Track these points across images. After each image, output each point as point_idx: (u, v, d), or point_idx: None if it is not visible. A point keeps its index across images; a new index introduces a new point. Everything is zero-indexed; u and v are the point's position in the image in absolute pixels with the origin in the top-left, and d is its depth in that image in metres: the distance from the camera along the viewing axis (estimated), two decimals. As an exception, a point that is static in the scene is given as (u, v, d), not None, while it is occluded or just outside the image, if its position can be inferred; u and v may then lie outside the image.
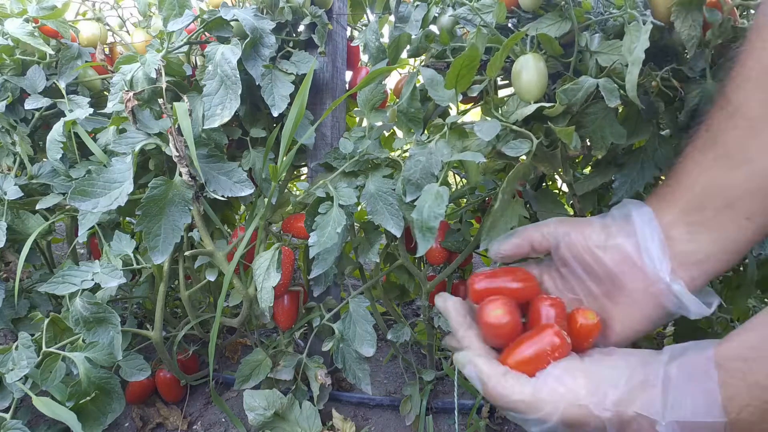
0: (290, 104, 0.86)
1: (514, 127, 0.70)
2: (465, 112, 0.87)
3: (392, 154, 0.92)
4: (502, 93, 0.92)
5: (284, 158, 0.83)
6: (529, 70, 0.70)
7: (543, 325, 0.56)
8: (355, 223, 1.05)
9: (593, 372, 0.51)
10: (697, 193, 0.54)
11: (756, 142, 0.50)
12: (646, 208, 0.57)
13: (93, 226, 0.95)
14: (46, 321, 0.88)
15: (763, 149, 0.50)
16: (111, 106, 0.92)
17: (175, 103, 0.84)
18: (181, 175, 0.85)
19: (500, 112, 0.73)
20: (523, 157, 0.71)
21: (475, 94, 0.76)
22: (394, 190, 0.85)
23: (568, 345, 0.54)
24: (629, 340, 0.57)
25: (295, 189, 1.55)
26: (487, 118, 0.74)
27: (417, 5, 0.89)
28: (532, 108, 0.68)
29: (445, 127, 0.76)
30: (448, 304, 0.63)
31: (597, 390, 0.48)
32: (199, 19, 0.88)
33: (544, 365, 0.52)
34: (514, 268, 0.66)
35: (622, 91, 0.66)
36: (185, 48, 0.93)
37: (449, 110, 0.88)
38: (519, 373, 0.52)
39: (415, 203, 0.72)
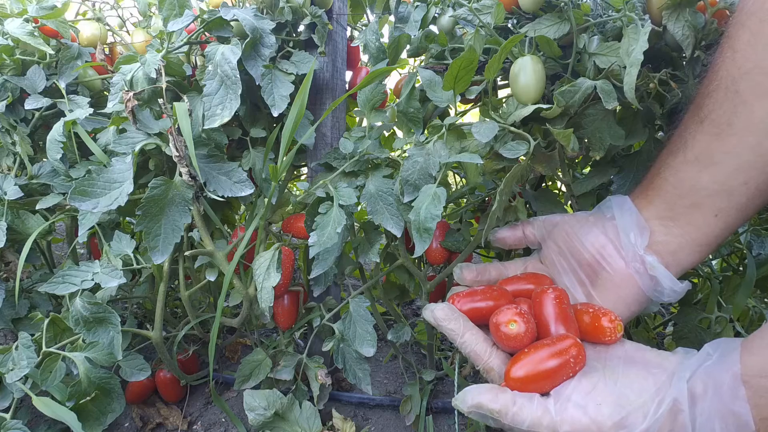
0: (290, 104, 0.86)
1: (512, 128, 0.70)
2: (464, 112, 0.87)
3: (392, 154, 0.92)
4: (502, 93, 0.92)
5: (284, 158, 0.83)
6: (527, 72, 0.70)
7: (560, 336, 0.53)
8: (355, 223, 1.05)
9: (618, 396, 0.47)
10: (669, 192, 0.58)
11: (722, 147, 0.53)
12: (625, 199, 0.62)
13: (93, 226, 0.95)
14: (46, 321, 0.88)
15: (727, 153, 0.53)
16: (111, 106, 0.92)
17: (175, 103, 0.84)
18: (181, 175, 0.85)
19: (500, 112, 0.73)
20: (523, 158, 0.71)
21: (473, 97, 0.76)
22: (394, 189, 0.85)
23: (584, 356, 0.51)
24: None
25: (295, 189, 1.55)
26: (485, 119, 0.74)
27: (417, 5, 0.89)
28: (529, 109, 0.68)
29: (443, 128, 0.77)
30: (437, 313, 0.61)
31: (624, 421, 0.45)
32: (199, 19, 0.88)
33: (562, 380, 0.49)
34: (490, 287, 0.67)
35: (619, 93, 0.66)
36: (185, 48, 0.93)
37: (449, 110, 0.88)
38: (528, 394, 0.49)
39: (412, 204, 0.72)
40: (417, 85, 0.85)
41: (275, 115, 0.89)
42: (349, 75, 1.12)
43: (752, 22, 0.51)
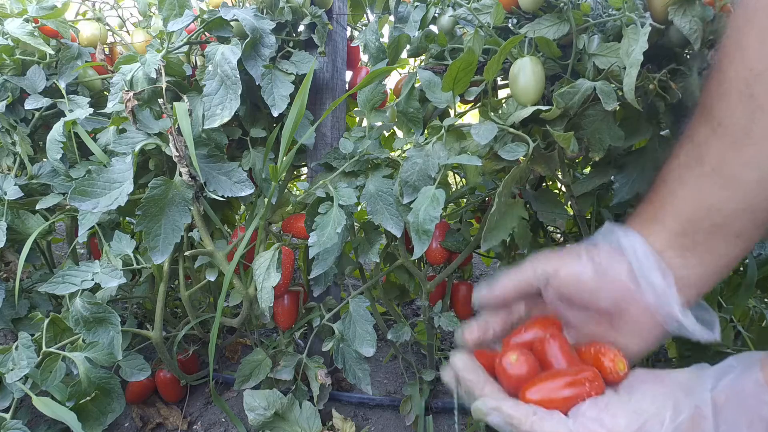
0: (290, 104, 0.86)
1: (511, 130, 0.70)
2: (464, 113, 0.87)
3: (392, 154, 0.92)
4: (502, 93, 0.92)
5: (284, 158, 0.83)
6: (526, 73, 0.70)
7: (577, 365, 0.51)
8: (355, 223, 1.05)
9: (633, 407, 0.46)
10: (687, 215, 0.50)
11: (741, 159, 0.47)
12: (635, 235, 0.53)
13: (93, 226, 0.95)
14: (46, 321, 0.88)
15: (749, 166, 0.47)
16: (111, 106, 0.92)
17: (175, 103, 0.84)
18: (181, 175, 0.85)
19: (499, 112, 0.73)
20: (522, 158, 0.71)
21: (472, 98, 0.76)
22: (393, 190, 0.85)
23: (602, 384, 0.49)
24: (630, 360, 0.53)
25: (295, 189, 1.55)
26: (485, 120, 0.74)
27: (416, 5, 0.89)
28: (528, 111, 0.68)
29: (443, 130, 0.77)
30: (457, 362, 0.54)
31: (641, 429, 0.44)
32: (199, 19, 0.88)
33: (577, 402, 0.48)
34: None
35: (620, 92, 0.66)
36: (185, 48, 0.93)
37: (449, 110, 0.88)
38: (549, 410, 0.47)
39: (411, 205, 0.72)
40: (417, 85, 0.85)
41: (275, 115, 0.89)
42: (349, 75, 1.12)
43: (760, 18, 0.47)
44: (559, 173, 0.88)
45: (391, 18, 0.96)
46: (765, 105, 0.45)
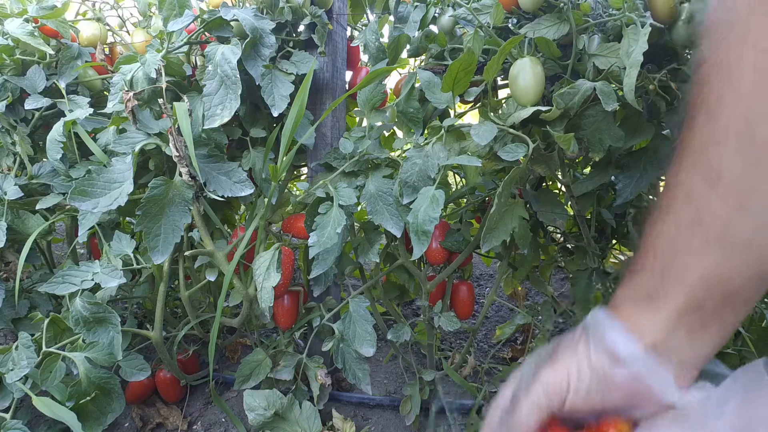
0: (290, 104, 0.86)
1: (511, 130, 0.70)
2: (464, 113, 0.87)
3: (392, 154, 0.92)
4: (502, 93, 0.92)
5: (284, 158, 0.83)
6: (526, 74, 0.70)
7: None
8: (355, 223, 1.05)
9: None
10: (694, 289, 0.43)
11: (752, 224, 0.40)
12: (627, 335, 0.45)
13: (93, 226, 0.95)
14: (46, 321, 0.88)
15: (761, 231, 0.40)
16: (111, 106, 0.92)
17: (175, 103, 0.84)
18: (181, 175, 0.85)
19: (499, 113, 0.73)
20: (522, 158, 0.71)
21: (471, 98, 0.76)
22: (393, 190, 0.85)
23: None
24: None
25: (295, 189, 1.55)
26: (484, 121, 0.74)
27: (416, 6, 0.89)
28: (528, 112, 0.68)
29: (442, 130, 0.77)
30: None
31: None
32: (199, 19, 0.88)
33: None
34: None
35: (620, 93, 0.66)
36: (185, 48, 0.93)
37: (449, 110, 0.88)
38: None
39: (411, 206, 0.72)
40: (416, 85, 0.85)
41: (275, 115, 0.89)
42: (349, 75, 1.12)
43: (755, 37, 0.39)
44: (559, 173, 0.88)
45: (391, 18, 0.96)
46: None
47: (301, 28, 0.99)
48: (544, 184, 1.01)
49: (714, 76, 0.41)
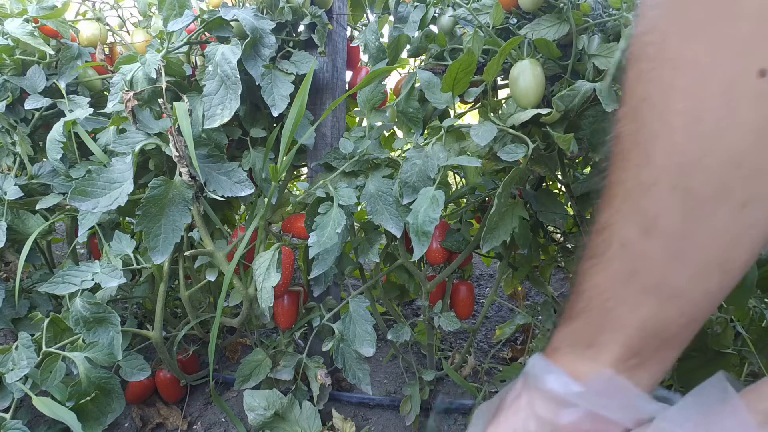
0: (290, 104, 0.86)
1: (511, 131, 0.70)
2: (464, 113, 0.87)
3: (392, 154, 0.92)
4: (502, 93, 0.92)
5: (284, 158, 0.83)
6: (526, 76, 0.70)
7: None
8: (355, 223, 1.05)
9: None
10: (630, 339, 0.43)
11: (687, 272, 0.39)
12: (570, 382, 0.44)
13: (93, 226, 0.95)
14: (46, 321, 0.88)
15: (696, 278, 0.39)
16: (111, 106, 0.92)
17: (175, 103, 0.84)
18: (181, 175, 0.85)
19: (499, 113, 0.73)
20: (522, 158, 0.71)
21: (471, 99, 0.76)
22: (393, 190, 0.85)
23: None
24: None
25: (295, 189, 1.55)
26: (484, 121, 0.74)
27: (416, 6, 0.89)
28: (529, 115, 0.68)
29: (442, 130, 0.77)
30: None
31: None
32: (199, 19, 0.88)
33: None
34: None
35: (620, 93, 0.66)
36: (185, 48, 0.93)
37: (449, 110, 0.88)
38: None
39: (411, 206, 0.72)
40: (416, 85, 0.85)
41: (275, 115, 0.89)
42: (349, 75, 1.12)
43: (686, 81, 0.35)
44: (559, 173, 0.88)
45: (391, 18, 0.96)
46: (707, 201, 0.36)
47: (301, 28, 0.99)
48: (544, 184, 1.01)
49: (645, 111, 0.38)
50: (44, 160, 1.08)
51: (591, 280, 0.44)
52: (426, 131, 0.89)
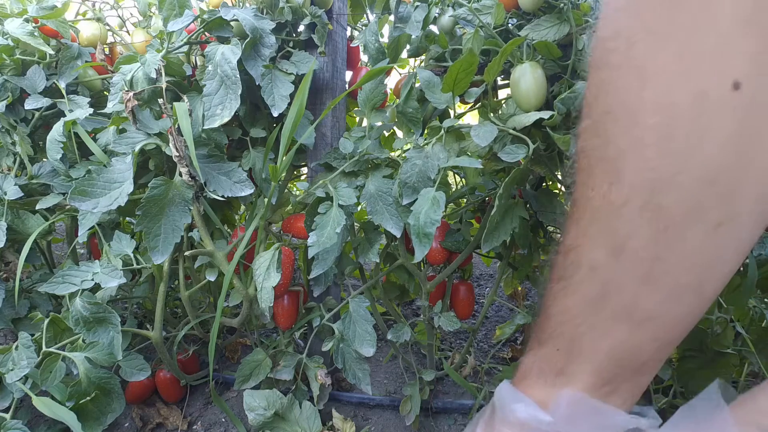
0: (290, 104, 0.86)
1: (512, 131, 0.70)
2: (463, 114, 0.87)
3: (392, 154, 0.92)
4: (502, 93, 0.92)
5: (284, 158, 0.83)
6: (527, 79, 0.69)
7: None
8: (355, 223, 1.05)
9: None
10: (601, 366, 0.40)
11: (657, 296, 0.36)
12: (536, 409, 0.42)
13: (93, 226, 0.95)
14: (46, 321, 0.88)
15: (667, 302, 0.37)
16: (111, 106, 0.92)
17: (175, 103, 0.84)
18: (181, 175, 0.85)
19: (499, 113, 0.73)
20: (522, 159, 0.71)
21: (472, 99, 0.76)
22: (393, 190, 0.85)
23: None
24: None
25: (295, 189, 1.55)
26: (485, 121, 0.74)
27: (417, 6, 0.89)
28: (531, 119, 0.68)
29: (442, 130, 0.76)
30: None
31: None
32: (199, 19, 0.88)
33: None
34: None
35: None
36: (185, 48, 0.93)
37: (449, 110, 0.88)
38: None
39: (411, 207, 0.72)
40: (416, 85, 0.85)
41: (275, 115, 0.89)
42: (349, 75, 1.12)
43: (658, 91, 0.32)
44: (559, 173, 0.88)
45: (391, 18, 0.96)
46: (677, 221, 0.33)
47: (301, 28, 0.99)
48: (544, 184, 1.01)
49: (610, 125, 0.35)
50: (44, 160, 1.08)
51: (560, 304, 0.41)
52: (426, 131, 0.89)
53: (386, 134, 1.14)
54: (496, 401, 0.45)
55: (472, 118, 0.95)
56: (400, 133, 0.90)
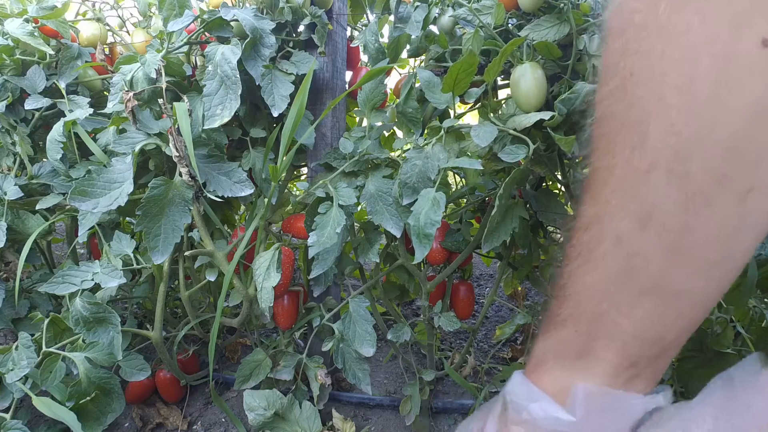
0: (290, 104, 0.86)
1: (512, 131, 0.70)
2: (463, 114, 0.87)
3: (392, 154, 0.92)
4: (502, 93, 0.92)
5: (284, 158, 0.83)
6: (527, 79, 0.69)
7: None
8: (355, 223, 1.05)
9: None
10: (626, 348, 0.38)
11: (688, 268, 0.34)
12: (552, 406, 0.39)
13: (93, 226, 0.95)
14: (46, 321, 0.88)
15: (697, 276, 0.34)
16: (111, 106, 0.92)
17: (175, 103, 0.84)
18: (181, 175, 0.85)
19: (499, 113, 0.73)
20: (522, 160, 0.71)
21: (472, 100, 0.76)
22: (393, 190, 0.85)
23: None
24: None
25: (295, 189, 1.55)
26: (485, 121, 0.74)
27: (417, 6, 0.89)
28: (531, 120, 0.68)
29: (442, 131, 0.76)
30: None
31: None
32: (199, 20, 0.88)
33: None
34: None
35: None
36: (185, 48, 0.93)
37: (449, 111, 0.88)
38: None
39: (411, 207, 0.72)
40: (416, 85, 0.85)
41: (275, 115, 0.89)
42: (349, 75, 1.12)
43: (679, 48, 0.31)
44: (559, 173, 0.88)
45: (391, 18, 0.96)
46: (705, 187, 0.31)
47: (301, 28, 0.99)
48: (544, 184, 1.01)
49: (634, 87, 0.33)
50: (44, 160, 1.08)
51: (579, 282, 0.39)
52: (426, 131, 0.88)
53: (386, 134, 1.14)
54: (507, 396, 0.42)
55: (472, 119, 0.96)
56: (400, 133, 0.90)
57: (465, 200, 1.09)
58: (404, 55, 1.01)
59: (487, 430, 0.43)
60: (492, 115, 0.75)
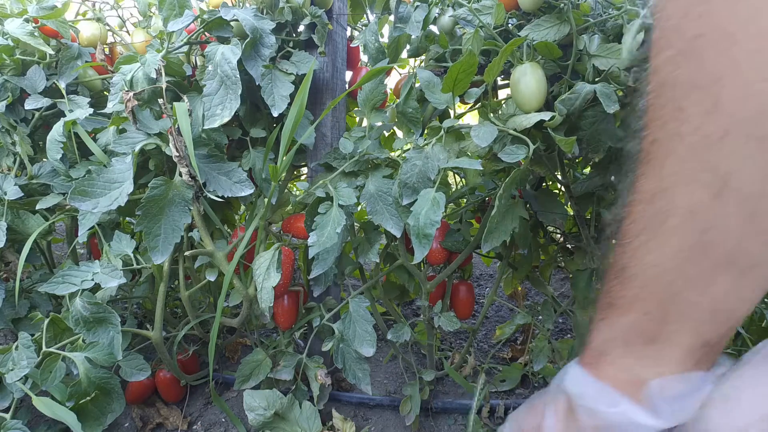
0: (290, 104, 0.86)
1: (512, 131, 0.70)
2: (463, 114, 0.87)
3: (392, 154, 0.92)
4: (502, 92, 0.92)
5: (284, 158, 0.83)
6: (528, 80, 0.69)
7: None
8: (355, 223, 1.05)
9: None
10: (700, 326, 0.36)
11: (760, 233, 0.33)
12: (623, 400, 0.37)
13: (93, 226, 0.95)
14: (46, 321, 0.88)
15: (766, 242, 0.33)
16: (111, 106, 0.92)
17: (175, 103, 0.84)
18: (181, 175, 0.85)
19: (499, 113, 0.73)
20: (522, 160, 0.71)
21: (472, 100, 0.76)
22: (393, 190, 0.85)
23: None
24: None
25: (295, 189, 1.55)
26: (485, 122, 0.74)
27: (417, 6, 0.89)
28: (532, 120, 0.68)
29: (442, 131, 0.76)
30: None
31: None
32: (199, 20, 0.88)
33: None
34: None
35: (620, 93, 0.66)
36: (185, 48, 0.93)
37: (449, 111, 0.88)
38: None
39: (411, 207, 0.72)
40: (416, 85, 0.85)
41: (275, 115, 0.89)
42: (349, 75, 1.12)
43: (752, 19, 0.29)
44: (559, 173, 0.88)
45: (391, 18, 0.96)
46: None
47: (301, 28, 0.99)
48: (544, 184, 1.01)
49: (703, 47, 0.32)
50: (44, 160, 1.08)
51: (644, 261, 0.36)
52: (426, 131, 0.88)
53: (386, 134, 1.14)
54: (576, 400, 0.39)
55: (472, 119, 0.96)
56: (400, 133, 0.90)
57: (465, 200, 1.09)
58: (404, 55, 1.01)
59: (547, 430, 0.41)
60: (492, 115, 0.75)
